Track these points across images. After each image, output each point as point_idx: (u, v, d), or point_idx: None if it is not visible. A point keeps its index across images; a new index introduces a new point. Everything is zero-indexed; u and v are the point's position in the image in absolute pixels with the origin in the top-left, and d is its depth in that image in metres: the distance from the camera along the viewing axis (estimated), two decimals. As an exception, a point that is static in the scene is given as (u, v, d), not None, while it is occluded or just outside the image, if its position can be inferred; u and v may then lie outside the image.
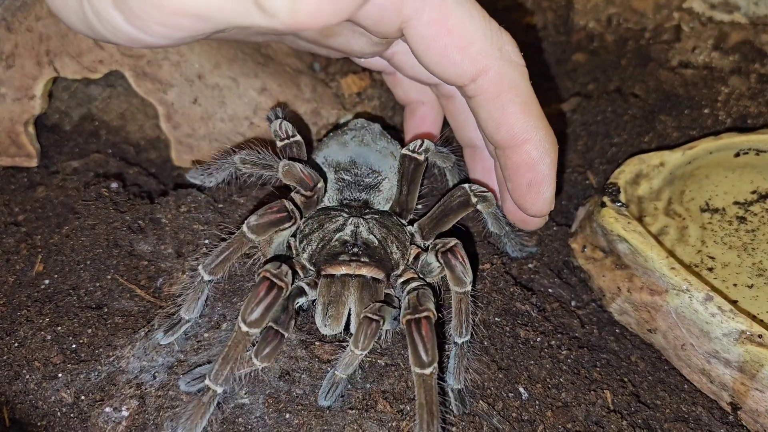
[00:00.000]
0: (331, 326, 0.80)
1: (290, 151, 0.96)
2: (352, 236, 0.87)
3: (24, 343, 0.83)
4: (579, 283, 0.99)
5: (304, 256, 0.87)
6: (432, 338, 0.72)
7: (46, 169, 1.12)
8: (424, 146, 0.95)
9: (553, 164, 0.83)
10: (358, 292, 0.81)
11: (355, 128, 1.05)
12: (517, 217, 0.95)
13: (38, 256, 0.94)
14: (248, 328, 0.71)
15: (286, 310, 0.77)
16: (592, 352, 0.89)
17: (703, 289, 0.83)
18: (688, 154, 1.03)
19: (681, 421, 0.83)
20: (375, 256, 0.85)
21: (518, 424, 0.79)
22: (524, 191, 0.84)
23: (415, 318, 0.73)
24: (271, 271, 0.74)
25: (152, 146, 1.18)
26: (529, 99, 0.81)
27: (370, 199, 0.97)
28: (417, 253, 0.90)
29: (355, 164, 0.99)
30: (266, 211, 0.80)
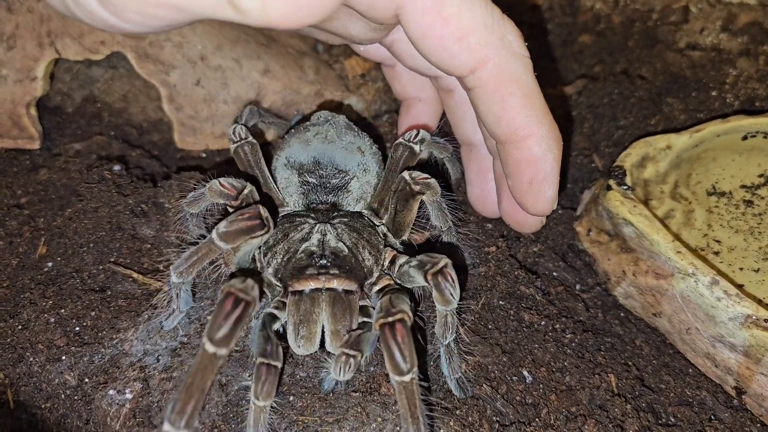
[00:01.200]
0: (305, 347, 0.75)
1: (243, 153, 0.92)
2: (319, 246, 0.81)
3: (27, 325, 0.83)
4: (584, 267, 0.98)
5: (269, 270, 0.81)
6: (408, 343, 0.67)
7: (49, 152, 1.11)
8: (420, 136, 0.92)
9: (556, 161, 0.79)
10: (330, 308, 0.76)
11: (317, 123, 0.98)
12: (513, 219, 0.92)
13: (41, 239, 0.94)
14: (216, 348, 0.63)
15: (270, 340, 0.71)
16: (597, 336, 0.89)
17: (709, 272, 0.82)
18: (695, 137, 1.02)
19: (685, 405, 0.82)
20: (345, 266, 0.79)
21: (522, 408, 0.79)
22: (525, 189, 0.81)
23: (389, 322, 0.67)
24: (235, 286, 0.68)
25: (155, 128, 1.17)
26: (532, 92, 0.77)
27: (338, 200, 0.91)
28: (393, 256, 0.85)
29: (319, 164, 0.92)
30: (237, 218, 0.75)
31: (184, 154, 1.14)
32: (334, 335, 0.75)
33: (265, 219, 0.77)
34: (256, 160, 0.93)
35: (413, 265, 0.79)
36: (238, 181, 0.84)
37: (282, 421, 0.76)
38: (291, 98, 1.14)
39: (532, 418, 0.78)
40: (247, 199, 0.84)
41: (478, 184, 0.98)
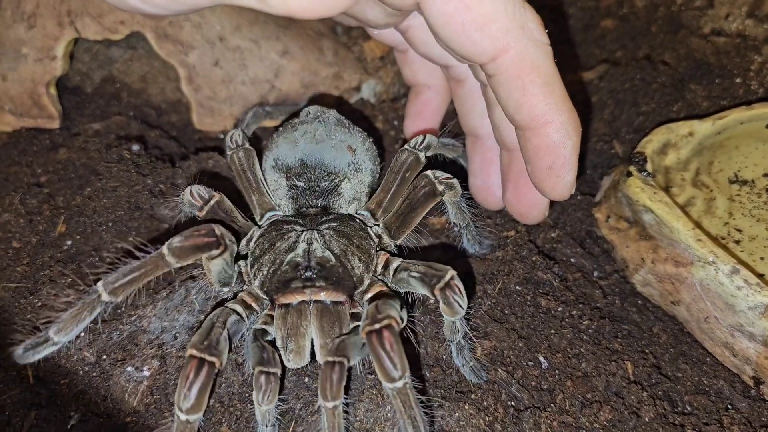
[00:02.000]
0: (295, 361, 0.74)
1: (238, 160, 0.90)
2: (304, 256, 0.78)
3: (47, 302, 0.84)
4: (602, 254, 0.97)
5: (255, 283, 0.79)
6: (397, 349, 0.65)
7: (68, 131, 1.12)
8: (426, 142, 0.89)
9: (575, 148, 0.79)
10: (317, 321, 0.74)
11: (306, 121, 0.93)
12: (516, 210, 0.93)
13: (61, 217, 0.95)
14: (188, 416, 0.64)
15: (264, 349, 0.71)
16: (614, 323, 0.88)
17: (729, 261, 0.81)
18: (718, 124, 1.00)
19: (702, 393, 0.82)
20: (332, 277, 0.77)
21: (537, 393, 0.79)
22: (544, 175, 0.81)
23: (376, 329, 0.65)
24: (198, 346, 0.66)
25: (173, 109, 1.18)
26: (552, 79, 0.77)
27: (329, 204, 0.88)
28: (386, 260, 0.82)
29: (306, 167, 0.88)
30: (192, 233, 0.73)
31: (202, 135, 1.14)
32: (323, 349, 0.73)
33: (221, 237, 0.74)
34: (250, 166, 0.90)
35: (415, 276, 0.77)
36: (206, 191, 0.84)
37: (297, 401, 0.76)
38: (309, 80, 1.13)
39: (548, 404, 0.78)
40: (213, 210, 0.83)
41: (481, 175, 0.98)
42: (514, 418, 0.76)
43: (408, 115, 1.08)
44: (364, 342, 0.67)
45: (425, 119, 1.07)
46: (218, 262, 0.76)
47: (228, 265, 0.78)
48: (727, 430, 0.78)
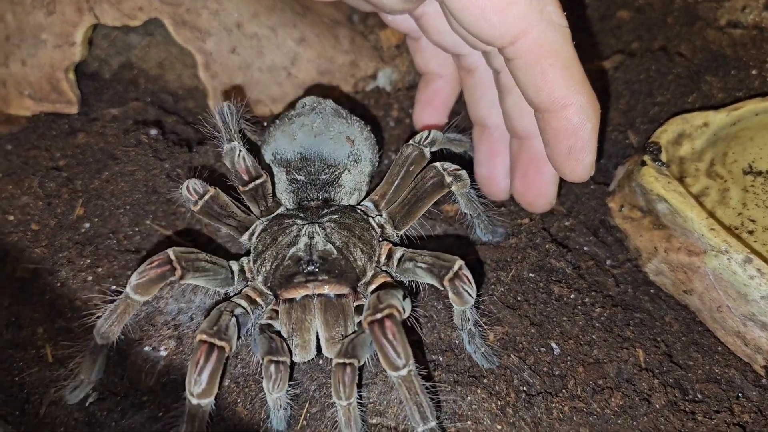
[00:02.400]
0: (301, 355, 0.74)
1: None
2: (306, 250, 0.78)
3: (66, 283, 0.85)
4: (615, 243, 0.98)
5: (259, 279, 0.79)
6: (400, 337, 0.65)
7: (86, 116, 1.13)
8: (431, 137, 0.89)
9: (594, 130, 0.80)
10: (322, 315, 0.74)
11: (303, 113, 0.92)
12: (524, 199, 0.94)
13: (79, 201, 0.96)
14: (199, 401, 0.65)
15: (272, 339, 0.71)
16: (626, 311, 0.88)
17: (742, 251, 0.81)
18: (733, 115, 1.00)
19: (713, 382, 0.82)
20: (335, 270, 0.77)
21: (549, 379, 0.80)
22: (564, 157, 0.82)
23: (377, 319, 0.65)
24: (207, 332, 0.68)
25: (190, 95, 1.18)
26: (571, 63, 0.78)
27: (330, 196, 0.88)
28: (389, 250, 0.83)
29: (306, 160, 0.88)
30: (146, 268, 0.72)
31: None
32: (329, 342, 0.74)
33: (175, 262, 0.73)
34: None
35: (422, 267, 0.77)
36: (202, 186, 0.83)
37: (311, 383, 0.77)
38: (325, 67, 1.14)
39: (559, 389, 0.79)
40: (207, 205, 0.82)
41: (486, 165, 0.99)
42: (525, 402, 0.77)
43: (418, 102, 1.08)
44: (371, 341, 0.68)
45: (435, 108, 1.08)
46: (194, 280, 0.76)
47: (212, 276, 0.78)
48: (738, 418, 0.78)
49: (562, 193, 1.04)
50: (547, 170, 0.91)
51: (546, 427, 0.75)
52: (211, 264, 0.77)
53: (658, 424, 0.76)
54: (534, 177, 0.92)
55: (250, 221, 0.86)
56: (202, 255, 0.77)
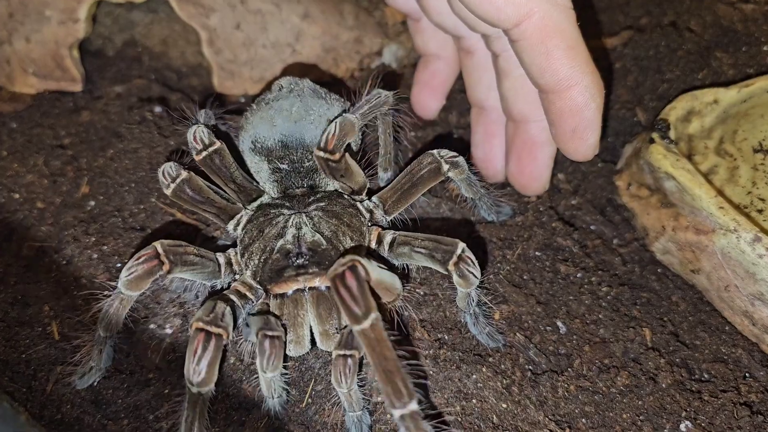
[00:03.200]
0: (295, 350, 0.73)
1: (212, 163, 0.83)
2: (294, 242, 0.76)
3: (71, 261, 0.85)
4: (622, 222, 0.97)
5: (247, 274, 0.77)
6: (359, 287, 0.60)
7: (90, 94, 1.12)
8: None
9: (598, 110, 0.80)
10: (315, 309, 0.72)
11: (280, 96, 0.87)
12: (518, 182, 0.94)
13: (84, 179, 0.96)
14: (199, 389, 0.64)
15: (266, 318, 0.70)
16: (633, 291, 0.88)
17: (751, 229, 0.81)
18: (743, 92, 0.99)
19: (720, 362, 0.82)
20: (325, 261, 0.74)
21: (555, 358, 0.80)
22: (568, 137, 0.82)
23: (338, 273, 0.61)
24: (203, 319, 0.66)
25: (194, 73, 1.18)
26: (576, 43, 0.78)
27: (315, 183, 0.86)
28: (378, 234, 0.80)
29: (287, 148, 0.84)
30: (134, 264, 0.71)
31: (223, 99, 1.14)
32: (324, 336, 0.72)
33: (162, 255, 0.71)
34: (229, 166, 0.84)
35: (422, 252, 0.75)
36: (175, 168, 0.80)
37: (317, 360, 0.77)
38: (330, 44, 1.13)
39: (565, 368, 0.79)
40: (180, 189, 0.80)
41: (483, 146, 0.99)
42: (531, 381, 0.77)
43: (416, 83, 1.09)
44: None
45: (433, 89, 1.08)
46: (181, 274, 0.75)
47: (199, 269, 0.76)
48: (744, 398, 0.78)
49: (569, 171, 1.03)
50: (541, 155, 0.91)
51: (551, 406, 0.75)
52: (199, 257, 0.76)
53: (664, 404, 0.76)
54: (528, 161, 0.92)
55: (234, 209, 0.84)
56: (191, 248, 0.75)
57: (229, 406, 0.74)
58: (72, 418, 0.73)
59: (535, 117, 0.88)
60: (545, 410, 0.75)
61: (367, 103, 0.83)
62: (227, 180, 0.84)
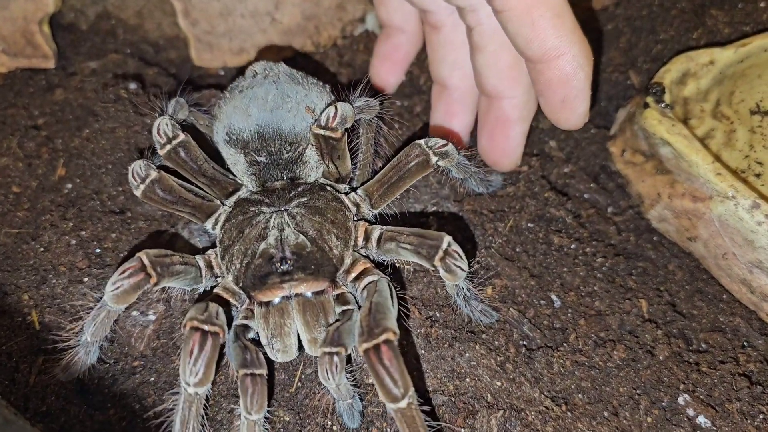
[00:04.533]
0: (283, 358, 0.70)
1: (177, 157, 0.79)
2: (277, 246, 0.72)
3: (49, 247, 0.83)
4: (616, 189, 0.95)
5: (229, 278, 0.74)
6: (398, 365, 0.59)
7: (64, 71, 1.08)
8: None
9: (587, 78, 0.78)
10: (301, 317, 0.70)
11: (255, 83, 0.82)
12: (490, 158, 0.92)
13: (60, 160, 0.93)
14: (196, 389, 0.62)
15: (247, 349, 0.66)
16: (628, 261, 0.86)
17: (749, 195, 0.78)
18: (740, 52, 0.96)
19: (718, 331, 0.80)
20: (310, 265, 0.71)
21: (550, 332, 0.78)
22: (558, 107, 0.81)
23: (373, 345, 0.60)
24: (198, 318, 0.64)
25: (171, 45, 1.13)
26: (562, 11, 0.75)
27: (295, 174, 0.81)
28: (365, 230, 0.77)
29: (264, 140, 0.79)
30: (119, 278, 0.68)
31: (202, 72, 1.10)
32: (312, 343, 0.70)
33: (149, 267, 0.69)
34: (196, 159, 0.80)
35: (407, 248, 0.73)
36: (145, 166, 0.77)
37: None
38: (311, 11, 1.08)
39: (560, 343, 0.77)
40: (150, 188, 0.76)
41: (442, 123, 0.97)
42: (526, 357, 0.75)
43: (376, 56, 1.05)
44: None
45: (394, 63, 1.05)
46: (167, 283, 0.72)
47: (183, 276, 0.73)
48: (743, 368, 0.76)
49: (561, 138, 1.00)
50: (513, 133, 0.90)
51: (547, 382, 0.74)
52: (183, 265, 0.73)
53: (662, 377, 0.75)
54: (500, 137, 0.90)
55: (211, 207, 0.80)
56: (176, 257, 0.72)
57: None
58: (57, 410, 0.72)
59: (508, 93, 0.87)
60: (541, 387, 0.73)
61: (358, 100, 0.81)
62: (196, 174, 0.80)
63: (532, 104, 0.89)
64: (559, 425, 0.70)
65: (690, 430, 0.71)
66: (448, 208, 0.89)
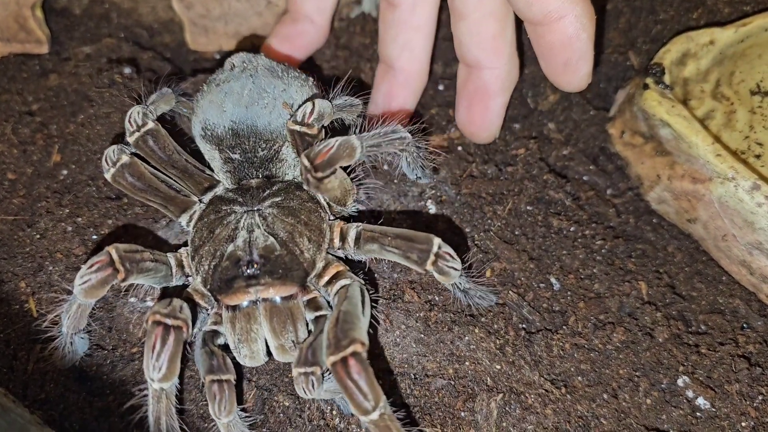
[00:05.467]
0: (251, 363, 0.69)
1: (146, 146, 0.77)
2: (245, 249, 0.69)
3: (45, 234, 0.82)
4: (616, 171, 0.94)
5: (198, 280, 0.72)
6: (367, 377, 0.57)
7: (58, 56, 1.07)
8: (316, 110, 0.74)
9: (590, 39, 0.76)
10: (268, 323, 0.67)
11: (231, 77, 0.79)
12: (467, 130, 0.91)
13: (55, 147, 0.92)
14: (161, 384, 0.61)
15: (214, 355, 0.65)
16: (628, 243, 0.86)
17: (750, 177, 0.78)
18: (741, 32, 0.95)
19: (717, 312, 0.80)
20: (278, 269, 0.68)
21: (549, 315, 0.78)
22: (560, 70, 0.79)
23: (341, 359, 0.58)
24: (160, 312, 0.63)
25: (166, 29, 1.12)
26: None
27: (272, 173, 0.79)
28: (341, 230, 0.74)
29: (238, 136, 0.77)
30: (86, 272, 0.66)
31: (197, 56, 1.09)
32: (280, 350, 0.68)
33: (117, 262, 0.67)
34: (168, 150, 0.78)
35: (395, 252, 0.70)
36: (117, 152, 0.75)
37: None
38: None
39: (560, 326, 0.77)
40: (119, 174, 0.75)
41: (381, 107, 0.95)
42: (525, 340, 0.75)
43: (275, 35, 1.01)
44: None
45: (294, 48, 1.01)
46: (136, 280, 0.70)
47: (153, 274, 0.71)
48: (743, 349, 0.76)
49: (559, 120, 0.99)
50: (493, 105, 0.88)
51: (546, 365, 0.74)
52: (154, 262, 0.71)
53: (662, 359, 0.75)
54: (479, 109, 0.89)
55: (186, 202, 0.78)
56: (146, 253, 0.70)
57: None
58: (56, 397, 0.72)
59: (489, 64, 0.85)
60: (540, 370, 0.73)
61: (339, 98, 0.79)
62: (166, 165, 0.78)
63: (514, 75, 0.87)
64: (558, 408, 0.70)
65: (689, 411, 0.71)
66: (445, 191, 0.88)
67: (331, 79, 0.93)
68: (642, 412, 0.71)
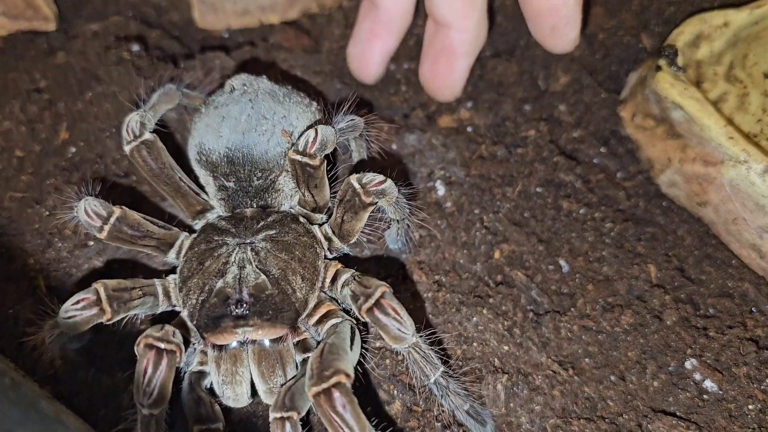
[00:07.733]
0: (234, 404, 0.66)
1: (141, 158, 0.75)
2: (235, 286, 0.66)
3: (54, 211, 0.82)
4: (626, 154, 0.93)
5: (184, 313, 0.69)
6: (352, 410, 0.55)
7: (65, 34, 1.06)
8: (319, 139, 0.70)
9: (577, 5, 0.77)
10: (256, 366, 0.64)
11: (230, 100, 0.76)
12: (429, 87, 0.91)
13: (63, 124, 0.91)
14: (151, 410, 0.59)
15: (201, 402, 0.63)
16: (638, 226, 0.85)
17: (762, 160, 0.77)
18: (755, 14, 0.93)
19: (726, 296, 0.80)
20: (268, 310, 0.65)
21: (557, 297, 0.78)
22: (547, 34, 0.81)
23: (323, 390, 0.55)
24: (153, 335, 0.60)
25: (174, 7, 1.11)
26: None
27: (267, 203, 0.76)
28: (336, 272, 0.71)
29: (233, 164, 0.73)
30: (71, 307, 0.65)
31: (206, 35, 1.08)
32: (268, 393, 0.65)
33: (103, 301, 0.65)
34: (159, 164, 0.75)
35: (348, 294, 0.67)
36: (104, 206, 0.72)
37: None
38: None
39: (568, 308, 0.77)
40: (116, 229, 0.71)
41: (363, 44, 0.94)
42: (533, 322, 0.75)
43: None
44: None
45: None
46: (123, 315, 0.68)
47: (140, 306, 0.69)
48: (751, 333, 0.76)
49: (570, 102, 0.98)
50: (458, 66, 0.88)
51: (554, 347, 0.74)
52: (141, 297, 0.68)
53: (670, 341, 0.75)
54: (444, 68, 0.88)
55: (173, 236, 0.75)
56: (135, 290, 0.68)
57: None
58: (65, 374, 0.72)
59: (458, 25, 0.84)
60: (548, 351, 0.73)
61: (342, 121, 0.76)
62: (158, 180, 0.76)
63: (482, 39, 0.87)
64: (566, 389, 0.70)
65: (697, 394, 0.71)
66: (454, 172, 0.88)
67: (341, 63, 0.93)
68: (649, 395, 0.71)
